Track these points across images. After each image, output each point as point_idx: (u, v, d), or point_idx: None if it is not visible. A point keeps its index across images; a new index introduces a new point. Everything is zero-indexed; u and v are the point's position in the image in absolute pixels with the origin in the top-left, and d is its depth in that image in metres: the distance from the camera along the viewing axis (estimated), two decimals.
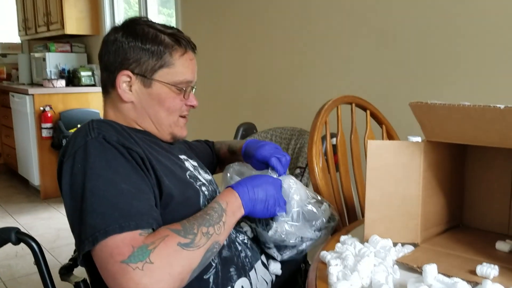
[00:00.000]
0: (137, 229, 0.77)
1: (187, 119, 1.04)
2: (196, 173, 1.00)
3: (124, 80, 0.96)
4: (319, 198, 1.03)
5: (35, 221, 3.34)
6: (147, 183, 0.85)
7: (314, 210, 0.98)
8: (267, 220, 0.96)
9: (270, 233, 0.95)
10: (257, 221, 0.99)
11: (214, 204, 0.87)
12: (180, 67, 0.98)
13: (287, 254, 0.99)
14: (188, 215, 0.85)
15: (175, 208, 0.88)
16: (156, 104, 0.97)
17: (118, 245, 0.75)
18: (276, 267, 1.01)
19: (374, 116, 1.46)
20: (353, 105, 1.40)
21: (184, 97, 1.00)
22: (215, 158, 1.28)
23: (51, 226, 3.24)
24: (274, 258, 1.03)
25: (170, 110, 0.99)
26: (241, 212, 0.90)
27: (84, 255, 0.78)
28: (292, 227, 0.95)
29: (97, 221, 0.77)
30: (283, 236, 0.95)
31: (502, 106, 0.75)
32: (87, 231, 0.77)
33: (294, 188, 0.98)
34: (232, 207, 0.88)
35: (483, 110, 0.78)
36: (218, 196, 0.91)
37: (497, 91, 1.56)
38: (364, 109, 1.43)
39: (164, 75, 0.96)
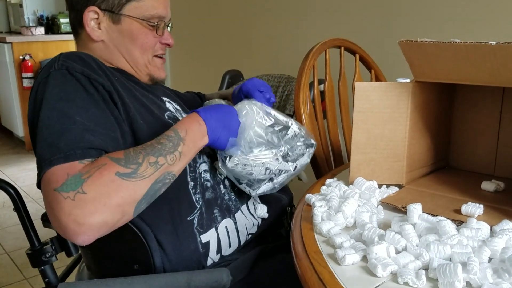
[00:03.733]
0: (83, 158, 0.73)
1: (164, 59, 1.00)
2: (178, 115, 0.97)
3: (92, 17, 0.91)
4: (290, 124, 0.95)
5: (21, 172, 3.32)
6: (109, 118, 0.81)
7: (275, 139, 0.92)
8: (227, 153, 0.90)
9: (230, 165, 0.89)
10: (218, 155, 0.92)
11: (170, 132, 0.80)
12: (150, 0, 0.93)
13: (260, 189, 0.94)
14: None
15: None
16: (128, 42, 0.93)
17: (56, 173, 0.71)
18: (262, 211, 1.00)
19: (363, 60, 1.42)
20: (342, 48, 1.36)
21: (157, 33, 0.95)
22: None
23: None
24: (260, 202, 1.03)
25: (144, 47, 0.94)
26: (204, 141, 0.83)
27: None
28: (251, 156, 0.89)
29: (45, 151, 0.73)
30: (246, 168, 0.89)
31: (493, 43, 0.73)
32: (37, 162, 0.74)
33: (250, 115, 0.89)
34: (193, 135, 0.81)
35: (474, 47, 0.76)
36: (179, 122, 0.83)
37: (489, 28, 1.52)
38: (354, 53, 1.40)
39: (133, 9, 0.91)
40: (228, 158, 0.89)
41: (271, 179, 0.94)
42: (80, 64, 0.84)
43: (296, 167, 0.96)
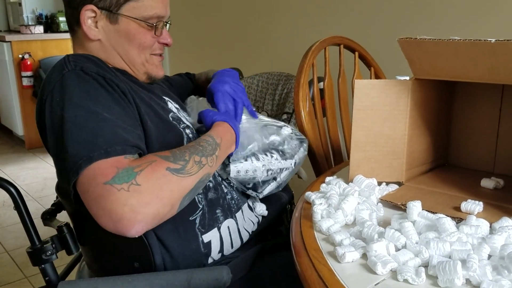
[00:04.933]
0: (123, 154, 0.74)
1: (162, 57, 0.99)
2: (180, 115, 0.97)
3: (89, 16, 0.90)
4: (278, 124, 1.00)
5: (21, 171, 3.32)
6: (131, 116, 0.81)
7: (272, 138, 0.96)
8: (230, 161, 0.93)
9: (233, 174, 0.92)
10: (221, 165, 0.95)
11: (207, 137, 0.84)
12: (150, 0, 0.91)
13: (266, 190, 0.96)
14: None
15: (153, 151, 0.85)
16: (125, 42, 0.92)
17: (102, 167, 0.71)
18: (262, 208, 1.01)
19: (362, 58, 1.42)
20: (342, 46, 1.36)
21: (155, 33, 0.94)
22: (197, 90, 1.24)
23: (38, 175, 3.22)
24: (259, 201, 1.03)
25: (141, 47, 0.93)
26: (232, 149, 0.89)
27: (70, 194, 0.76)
28: (251, 162, 0.92)
29: (80, 150, 0.73)
30: (248, 174, 0.92)
31: (492, 40, 0.73)
32: (70, 161, 0.73)
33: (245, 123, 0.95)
34: (226, 143, 0.86)
35: (473, 45, 0.75)
36: (212, 130, 0.87)
37: (488, 26, 1.52)
38: (353, 51, 1.40)
39: (131, 9, 0.90)
40: (230, 167, 0.91)
41: (274, 179, 0.95)
42: (93, 65, 0.84)
43: (295, 162, 0.97)
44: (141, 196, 0.70)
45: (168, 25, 0.98)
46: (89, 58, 0.87)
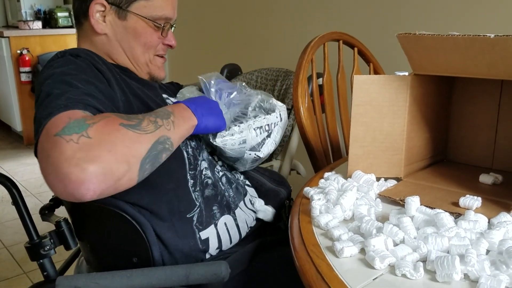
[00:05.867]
0: (83, 109, 0.70)
1: (165, 59, 1.00)
2: None
3: (98, 10, 0.90)
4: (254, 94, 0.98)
5: (20, 167, 3.31)
6: (109, 96, 0.80)
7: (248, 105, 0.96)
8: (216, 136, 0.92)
9: (219, 140, 0.90)
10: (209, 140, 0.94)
11: (159, 108, 0.81)
12: (160, 1, 0.91)
13: (265, 148, 0.96)
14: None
15: None
16: (132, 38, 0.92)
17: (56, 120, 0.66)
18: (260, 204, 1.00)
19: (362, 54, 1.42)
20: (341, 42, 1.36)
21: (162, 34, 0.94)
22: None
23: (36, 171, 3.22)
24: (258, 197, 1.03)
25: (147, 46, 0.93)
26: (192, 121, 0.83)
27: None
28: (235, 126, 0.92)
29: (43, 111, 0.70)
30: (235, 138, 0.91)
31: (492, 36, 0.73)
32: (36, 124, 0.71)
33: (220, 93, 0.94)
34: (179, 113, 0.81)
35: (472, 40, 0.75)
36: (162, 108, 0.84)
37: (487, 21, 1.52)
38: (352, 46, 1.39)
39: (141, 8, 0.90)
40: (214, 136, 0.91)
41: (268, 136, 0.95)
42: (83, 54, 0.85)
43: (280, 115, 0.98)
44: (91, 149, 0.64)
45: (173, 27, 0.98)
46: (83, 50, 0.87)
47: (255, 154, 0.96)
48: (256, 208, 1.00)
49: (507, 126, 0.95)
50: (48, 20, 3.94)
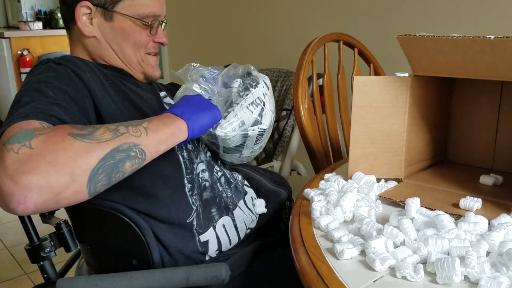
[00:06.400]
0: (42, 120, 0.67)
1: (157, 56, 0.99)
2: None
3: (84, 12, 0.89)
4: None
5: None
6: (85, 105, 0.79)
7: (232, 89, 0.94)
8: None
9: (219, 131, 0.89)
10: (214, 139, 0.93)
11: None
12: None
13: (265, 119, 0.94)
14: (160, 159, 0.79)
15: None
16: (120, 39, 0.91)
17: (10, 129, 0.65)
18: (261, 207, 1.00)
19: (362, 54, 1.42)
20: (341, 42, 1.35)
21: (151, 32, 0.93)
22: None
23: None
24: (257, 197, 1.03)
25: (136, 45, 0.92)
26: (179, 123, 0.78)
27: None
28: (229, 114, 0.91)
29: (7, 120, 0.69)
30: (233, 121, 0.90)
31: (491, 37, 0.73)
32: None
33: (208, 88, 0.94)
34: (159, 119, 0.77)
35: (472, 41, 0.75)
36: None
37: (487, 22, 1.52)
38: (352, 47, 1.39)
39: (127, 7, 0.90)
40: (215, 129, 0.90)
41: (263, 107, 0.94)
42: (66, 61, 0.84)
43: (265, 84, 0.96)
44: (29, 160, 0.60)
45: (163, 24, 0.98)
46: (67, 57, 0.86)
47: (258, 128, 0.94)
48: (256, 212, 1.00)
49: (507, 127, 0.95)
50: (49, 20, 3.94)
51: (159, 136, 0.74)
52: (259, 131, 0.95)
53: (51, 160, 0.61)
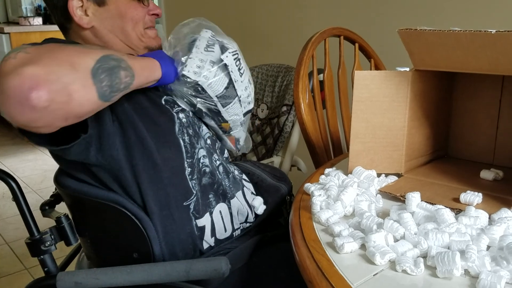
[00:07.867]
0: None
1: (156, 30, 0.99)
2: (176, 99, 0.96)
3: (77, 6, 0.89)
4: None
5: (21, 163, 3.32)
6: None
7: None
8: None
9: (187, 72, 0.88)
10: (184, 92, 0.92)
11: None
12: None
13: (245, 77, 0.93)
14: (160, 142, 0.81)
15: (142, 136, 0.85)
16: (119, 20, 0.91)
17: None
18: (259, 206, 1.00)
19: (363, 49, 1.41)
20: (342, 37, 1.35)
21: (144, 4, 0.94)
22: None
23: (37, 167, 3.22)
24: (257, 192, 1.03)
25: (134, 20, 0.93)
26: (153, 60, 0.84)
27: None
28: (192, 52, 0.90)
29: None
30: (204, 64, 0.89)
31: (493, 31, 0.72)
32: None
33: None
34: (135, 57, 0.82)
35: (474, 36, 0.75)
36: None
37: (489, 17, 1.52)
38: (353, 42, 1.39)
39: None
40: (181, 71, 0.89)
41: (219, 41, 0.92)
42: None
43: (233, 45, 0.95)
44: (29, 58, 0.62)
45: None
46: None
47: (228, 52, 0.92)
48: (256, 209, 1.00)
49: (508, 122, 0.95)
50: (49, 16, 3.93)
51: (139, 63, 0.79)
52: (233, 54, 0.92)
53: (51, 56, 0.63)
